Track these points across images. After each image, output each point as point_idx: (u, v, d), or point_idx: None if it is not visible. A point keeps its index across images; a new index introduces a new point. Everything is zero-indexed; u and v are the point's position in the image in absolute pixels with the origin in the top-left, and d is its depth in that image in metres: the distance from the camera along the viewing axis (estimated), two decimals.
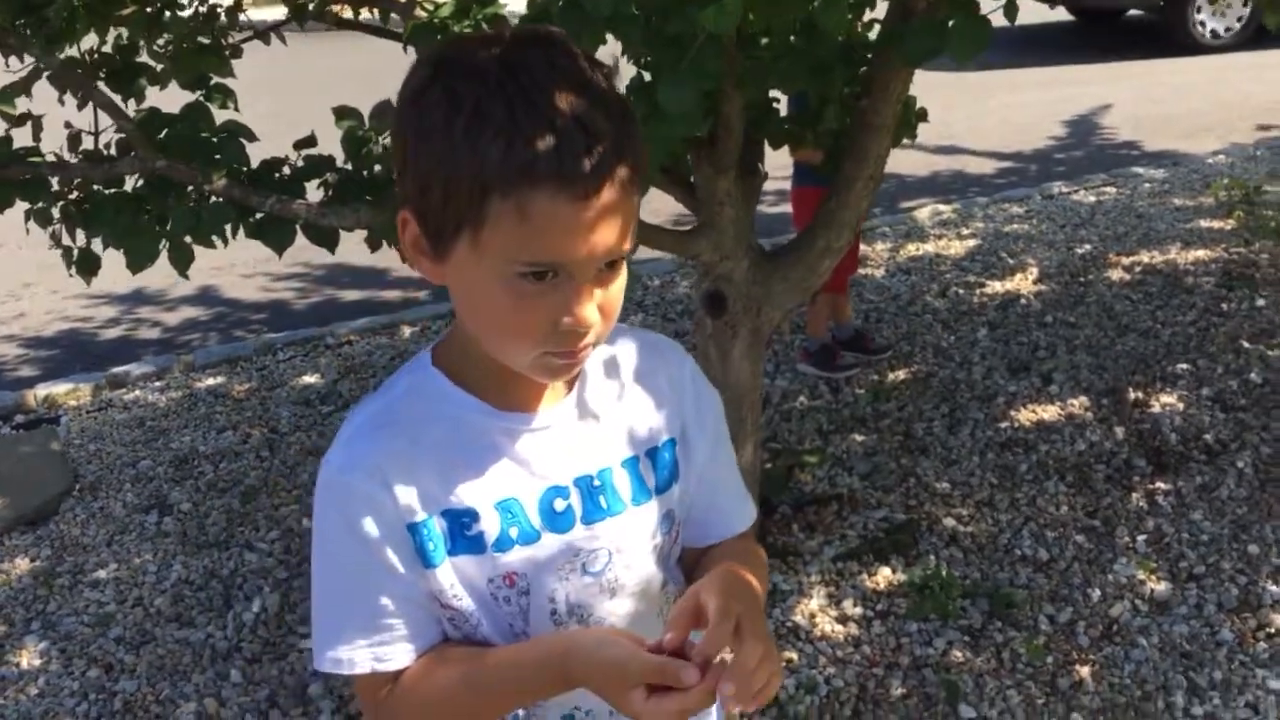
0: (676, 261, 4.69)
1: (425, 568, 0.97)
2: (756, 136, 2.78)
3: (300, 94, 7.38)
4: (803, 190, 3.72)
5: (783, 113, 2.92)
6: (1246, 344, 3.77)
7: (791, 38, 2.26)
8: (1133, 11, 9.16)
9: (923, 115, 2.89)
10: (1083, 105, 7.29)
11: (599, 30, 1.81)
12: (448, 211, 0.86)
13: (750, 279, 2.72)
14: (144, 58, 2.59)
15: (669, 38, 1.85)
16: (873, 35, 2.58)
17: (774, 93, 2.68)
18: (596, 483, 1.03)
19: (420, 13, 2.35)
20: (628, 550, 1.04)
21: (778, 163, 3.02)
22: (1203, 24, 8.03)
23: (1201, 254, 4.58)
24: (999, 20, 1.98)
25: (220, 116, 2.30)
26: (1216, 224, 4.90)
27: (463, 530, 0.97)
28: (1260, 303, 4.08)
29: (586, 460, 1.03)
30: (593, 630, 1.01)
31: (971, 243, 4.95)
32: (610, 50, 2.01)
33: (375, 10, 2.54)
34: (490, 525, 0.98)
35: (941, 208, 5.44)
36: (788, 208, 4.23)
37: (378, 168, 2.21)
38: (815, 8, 1.82)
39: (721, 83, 2.13)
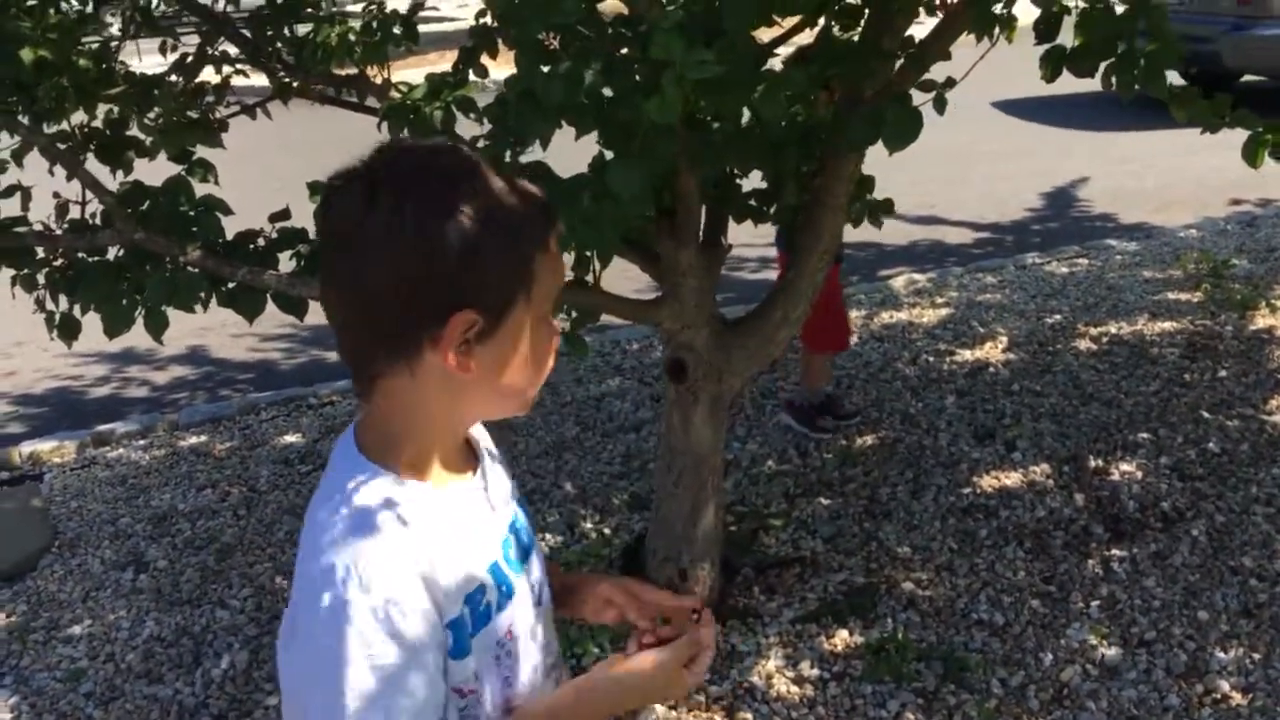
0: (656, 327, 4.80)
1: (456, 659, 1.00)
2: (719, 210, 2.90)
3: (288, 159, 7.56)
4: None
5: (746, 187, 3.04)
6: (1207, 414, 3.86)
7: (744, 120, 2.38)
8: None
9: (888, 207, 3.01)
10: (1061, 178, 7.45)
11: (552, 117, 1.92)
12: (504, 286, 0.98)
13: (711, 346, 2.82)
14: (134, 131, 2.72)
15: (619, 124, 1.97)
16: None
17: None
18: (519, 523, 1.16)
19: (394, 94, 2.48)
20: (543, 575, 1.18)
21: (764, 230, 3.11)
22: None
23: (1168, 325, 4.69)
24: (1021, 89, 2.09)
25: (201, 190, 2.42)
26: (1184, 296, 5.02)
27: (476, 608, 1.02)
28: (1222, 374, 4.17)
29: (506, 506, 1.15)
30: (613, 662, 1.15)
31: (944, 311, 5.06)
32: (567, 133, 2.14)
33: (353, 90, 2.67)
34: (491, 593, 1.05)
35: (917, 277, 5.56)
36: (769, 274, 4.34)
37: None
38: (756, 98, 1.93)
39: (674, 164, 2.25)
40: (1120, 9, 1.91)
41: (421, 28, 2.87)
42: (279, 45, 2.63)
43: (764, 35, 2.34)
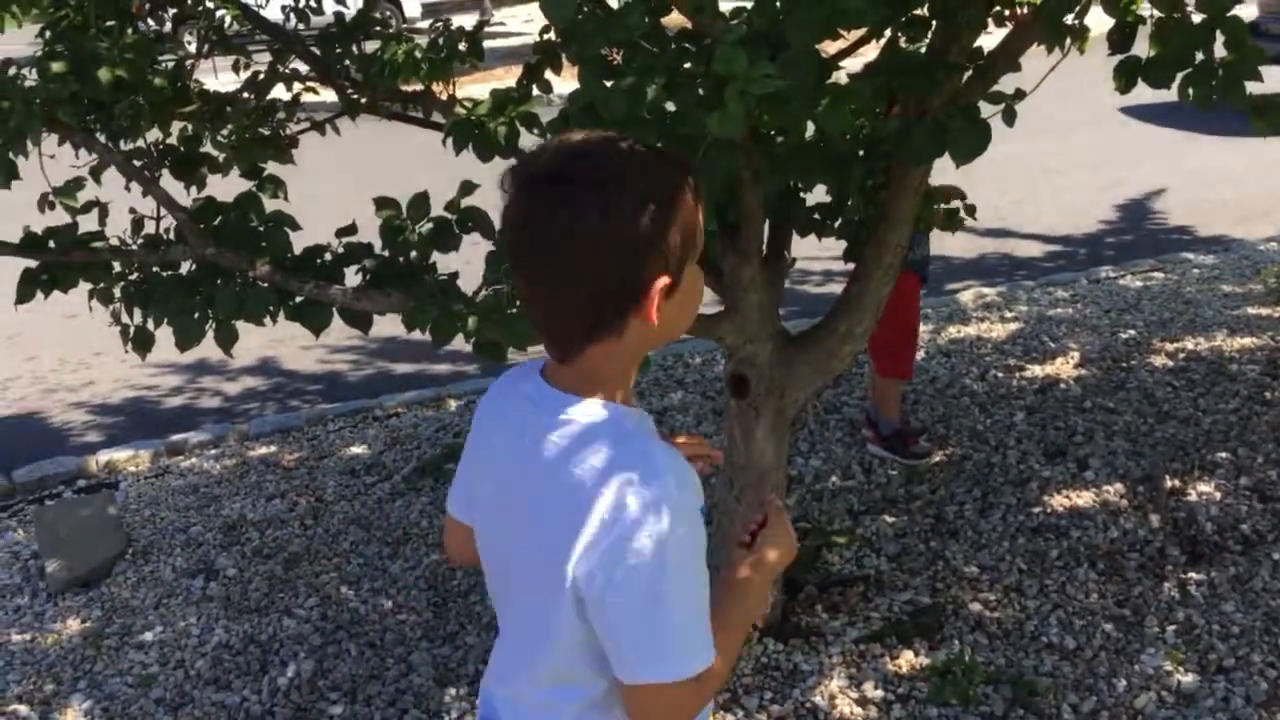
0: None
1: None
2: (782, 224, 2.88)
3: (357, 172, 7.70)
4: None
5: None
6: None
7: (807, 134, 2.36)
8: None
9: (957, 220, 2.93)
10: (1136, 189, 7.28)
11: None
12: (681, 248, 1.13)
13: (773, 362, 2.79)
14: (207, 147, 2.78)
15: (681, 138, 1.96)
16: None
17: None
18: None
19: (460, 110, 2.51)
20: None
21: (829, 243, 3.06)
22: None
23: (1247, 341, 4.55)
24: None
25: (271, 205, 2.46)
26: (1264, 311, 4.86)
27: None
28: None
29: None
30: (742, 557, 1.33)
31: (1014, 326, 4.97)
32: None
33: (419, 106, 2.70)
34: None
35: (985, 290, 5.47)
36: (835, 287, 4.27)
37: (413, 254, 2.34)
38: (820, 112, 1.91)
39: (738, 178, 2.23)
40: (1198, 18, 1.86)
41: (487, 43, 2.90)
42: (347, 63, 2.67)
43: (829, 48, 2.31)
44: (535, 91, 2.54)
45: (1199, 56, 1.85)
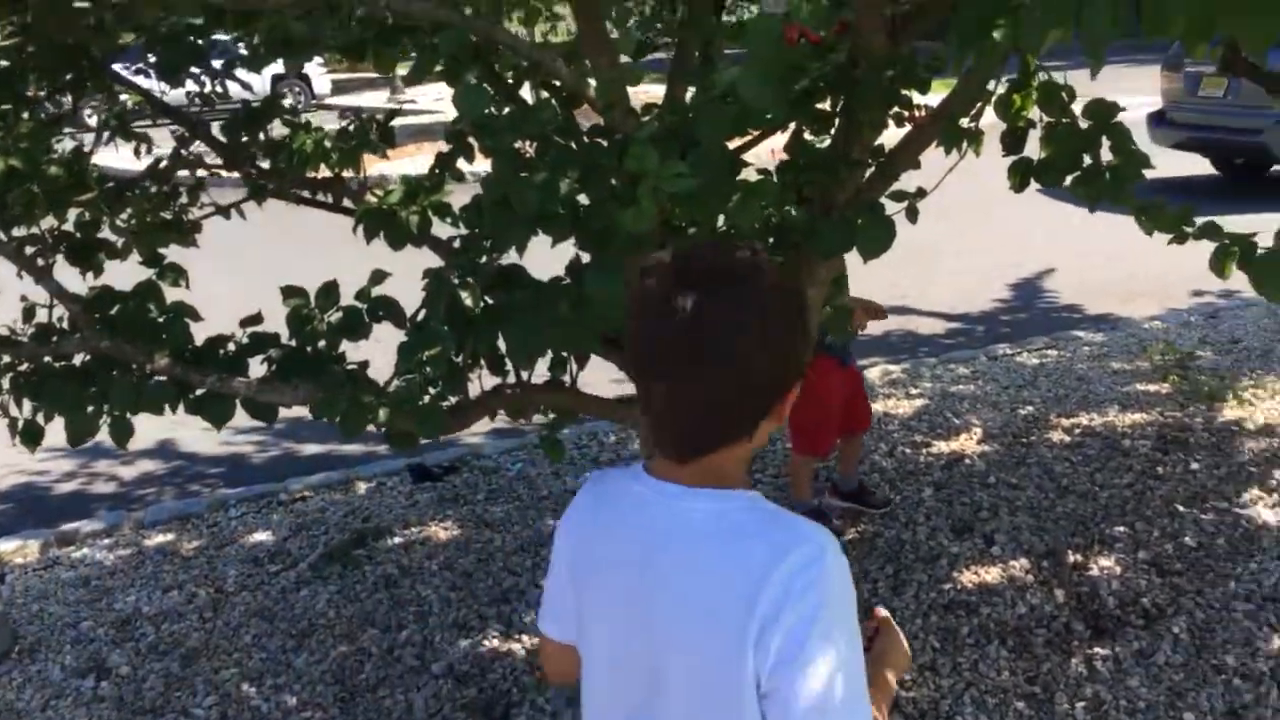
0: None
1: None
2: None
3: (273, 254, 7.58)
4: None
5: None
6: (1181, 507, 3.86)
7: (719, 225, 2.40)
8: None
9: (843, 321, 2.96)
10: (1027, 269, 7.56)
11: (528, 225, 1.93)
12: (804, 360, 1.20)
13: None
14: (105, 233, 2.71)
15: (595, 232, 1.98)
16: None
17: None
18: None
19: (370, 198, 2.49)
20: None
21: None
22: None
23: (1138, 417, 4.72)
24: None
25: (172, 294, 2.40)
26: (1153, 388, 5.06)
27: None
28: (1195, 466, 4.19)
29: None
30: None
31: (919, 402, 5.08)
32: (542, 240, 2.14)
33: (329, 192, 2.68)
34: None
35: (891, 367, 5.59)
36: None
37: (321, 344, 2.30)
38: (732, 206, 1.95)
39: None
40: (1085, 124, 1.96)
41: (397, 121, 2.90)
42: (254, 150, 2.64)
43: (736, 138, 2.37)
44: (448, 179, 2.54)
45: (1087, 159, 1.94)
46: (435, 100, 15.96)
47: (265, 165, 2.62)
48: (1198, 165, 9.83)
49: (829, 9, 1.73)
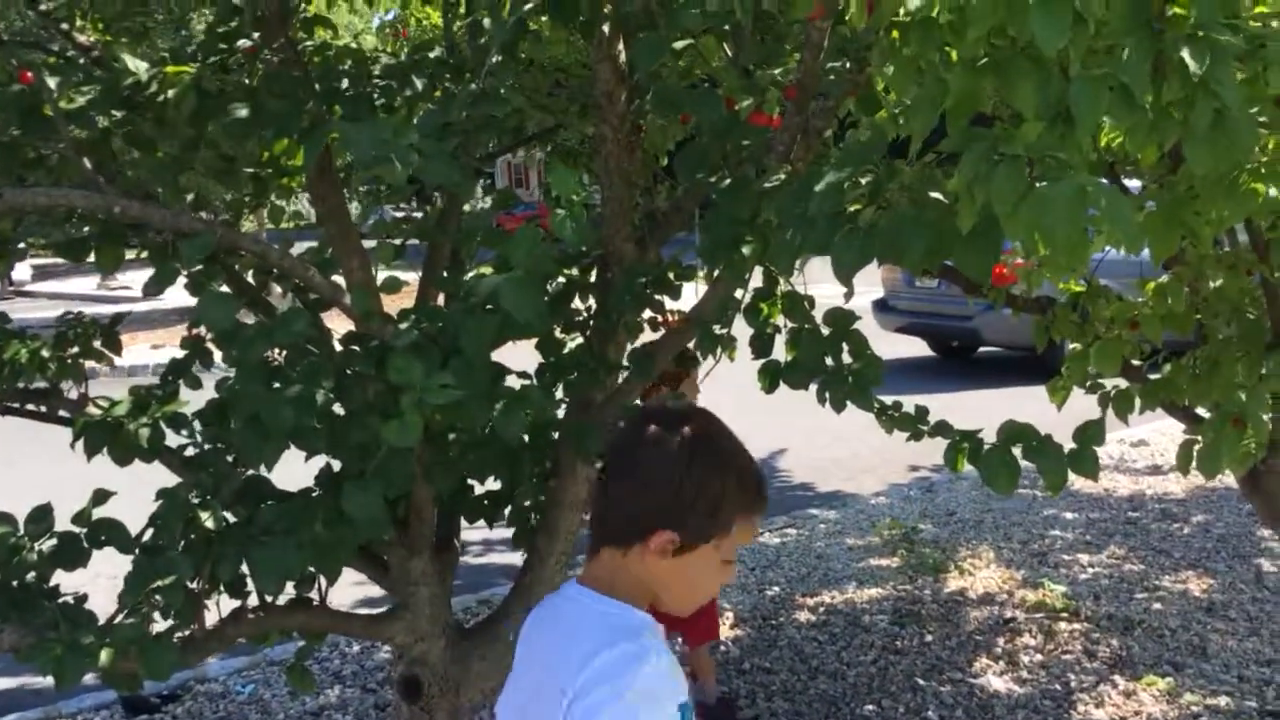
0: None
1: None
2: (452, 513, 2.82)
3: None
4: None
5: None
6: (921, 681, 4.03)
7: (480, 431, 2.36)
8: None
9: None
10: (762, 449, 7.94)
11: (279, 443, 1.82)
12: (703, 530, 1.37)
13: (447, 659, 2.66)
14: None
15: (354, 445, 1.89)
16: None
17: None
18: None
19: (93, 409, 2.28)
20: None
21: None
22: None
23: (875, 592, 4.96)
24: None
25: None
26: (884, 562, 5.35)
27: None
28: (929, 638, 4.41)
29: None
30: None
31: None
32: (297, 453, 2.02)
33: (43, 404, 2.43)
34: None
35: None
36: (495, 558, 4.16)
37: (30, 576, 2.03)
38: (497, 415, 1.92)
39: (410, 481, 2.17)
40: (826, 330, 2.10)
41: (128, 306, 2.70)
42: None
43: None
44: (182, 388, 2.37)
45: (829, 361, 2.07)
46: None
47: None
48: (916, 347, 10.94)
49: (588, 227, 1.78)
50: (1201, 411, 2.76)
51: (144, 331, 13.35)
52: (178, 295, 2.51)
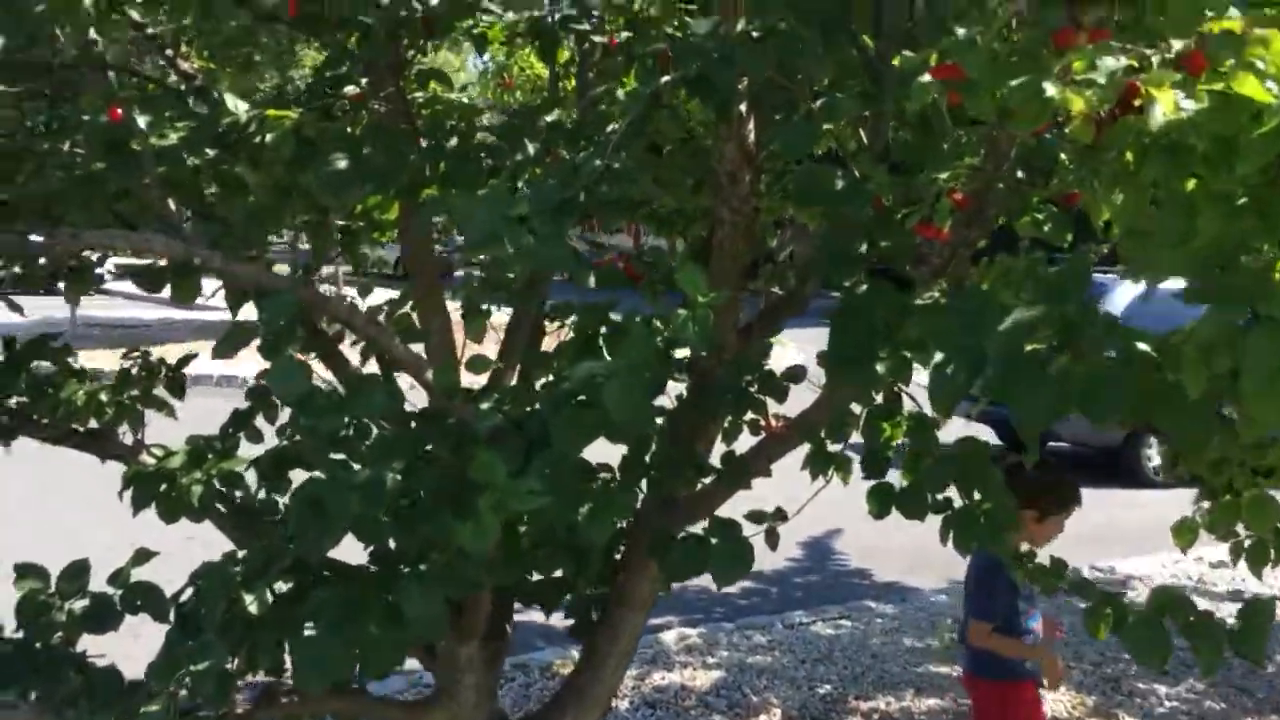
0: None
1: None
2: (506, 598, 2.63)
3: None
4: (977, 681, 3.32)
5: None
6: None
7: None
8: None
9: None
10: (817, 529, 7.65)
11: (338, 530, 1.64)
12: None
13: None
14: None
15: (420, 540, 1.71)
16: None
17: None
18: None
19: (147, 458, 2.13)
20: None
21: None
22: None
23: (933, 703, 4.66)
24: None
25: None
26: (945, 669, 5.05)
27: None
28: None
29: None
30: None
31: (716, 674, 4.86)
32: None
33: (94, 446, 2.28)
34: None
35: (687, 631, 5.39)
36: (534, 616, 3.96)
37: (57, 637, 1.86)
38: (581, 520, 1.73)
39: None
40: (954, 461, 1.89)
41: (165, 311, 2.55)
42: (9, 395, 2.22)
43: None
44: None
45: (954, 497, 1.86)
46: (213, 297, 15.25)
47: (16, 406, 2.19)
48: (985, 435, 10.60)
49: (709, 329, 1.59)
50: None
51: (203, 341, 13.40)
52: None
